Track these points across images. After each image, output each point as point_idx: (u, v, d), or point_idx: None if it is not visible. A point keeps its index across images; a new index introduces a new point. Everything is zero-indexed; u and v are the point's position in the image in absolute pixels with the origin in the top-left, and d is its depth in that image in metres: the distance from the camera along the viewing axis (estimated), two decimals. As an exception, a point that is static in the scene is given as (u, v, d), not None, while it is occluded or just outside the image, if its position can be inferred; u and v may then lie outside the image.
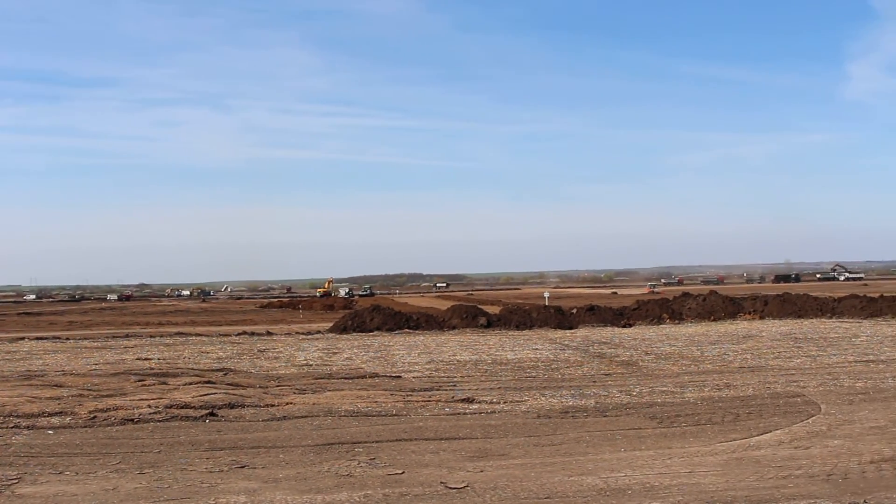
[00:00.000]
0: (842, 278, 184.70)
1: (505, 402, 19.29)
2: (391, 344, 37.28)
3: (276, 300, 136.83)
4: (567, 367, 26.77)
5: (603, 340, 37.13)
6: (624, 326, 46.73)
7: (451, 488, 11.29)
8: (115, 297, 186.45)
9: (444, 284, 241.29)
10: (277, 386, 22.49)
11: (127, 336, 46.93)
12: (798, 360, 26.99)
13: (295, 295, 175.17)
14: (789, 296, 54.58)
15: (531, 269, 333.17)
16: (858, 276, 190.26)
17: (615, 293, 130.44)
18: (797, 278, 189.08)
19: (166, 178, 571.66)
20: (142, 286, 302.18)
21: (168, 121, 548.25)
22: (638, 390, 20.95)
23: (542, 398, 19.90)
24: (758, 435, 14.95)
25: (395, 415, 17.76)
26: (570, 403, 19.05)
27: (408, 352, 33.05)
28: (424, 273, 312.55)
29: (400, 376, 24.74)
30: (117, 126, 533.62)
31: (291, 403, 19.13)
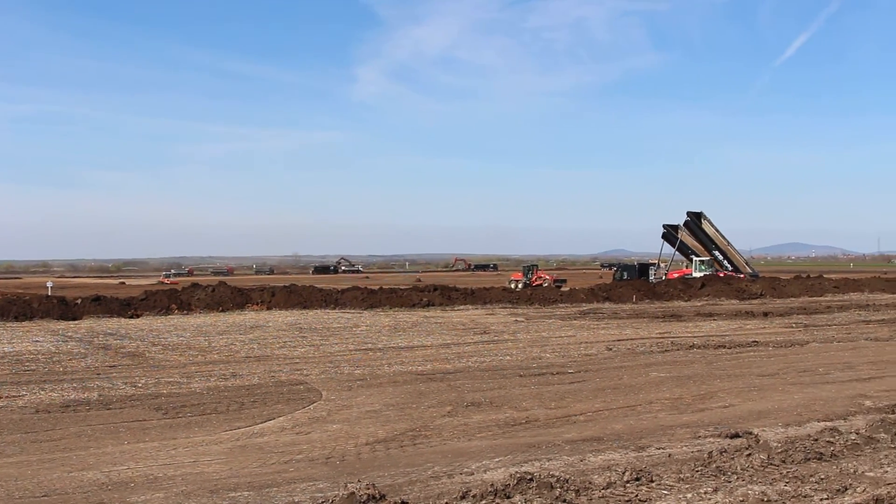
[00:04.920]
0: (341, 270, 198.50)
1: (0, 398, 18.18)
2: None
3: None
4: (70, 359, 25.67)
5: (109, 331, 36.02)
6: (131, 317, 45.56)
7: (-65, 492, 10.46)
8: None
9: None
10: None
11: None
12: (302, 350, 28.09)
13: None
14: (296, 287, 56.37)
15: (34, 258, 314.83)
16: (353, 268, 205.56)
17: (123, 283, 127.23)
18: (335, 270, 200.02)
19: None
20: None
21: None
22: (143, 381, 20.67)
23: (42, 392, 18.99)
24: (262, 422, 15.43)
25: None
26: (72, 397, 18.36)
27: None
28: None
29: None
30: None
31: None
